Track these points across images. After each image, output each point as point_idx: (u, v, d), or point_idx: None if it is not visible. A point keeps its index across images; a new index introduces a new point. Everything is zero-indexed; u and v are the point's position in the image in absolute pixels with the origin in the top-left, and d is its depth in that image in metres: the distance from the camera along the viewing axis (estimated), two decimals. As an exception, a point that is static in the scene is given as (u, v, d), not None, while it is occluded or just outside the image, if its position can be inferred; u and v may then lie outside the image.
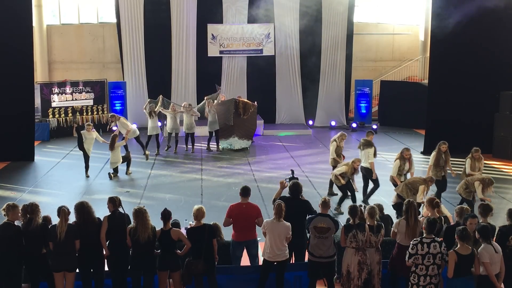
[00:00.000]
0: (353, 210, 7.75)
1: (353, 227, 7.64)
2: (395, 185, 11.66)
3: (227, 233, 8.69)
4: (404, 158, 11.92)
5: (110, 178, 14.81)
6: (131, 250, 7.64)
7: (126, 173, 15.23)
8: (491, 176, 11.70)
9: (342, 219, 11.02)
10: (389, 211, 10.48)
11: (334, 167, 13.04)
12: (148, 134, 17.43)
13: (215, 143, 18.42)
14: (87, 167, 15.05)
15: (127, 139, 15.66)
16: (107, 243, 7.67)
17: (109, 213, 7.74)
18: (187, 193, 13.67)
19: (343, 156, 13.60)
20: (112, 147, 14.68)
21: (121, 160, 14.98)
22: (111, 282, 7.74)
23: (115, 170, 14.91)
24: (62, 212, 7.43)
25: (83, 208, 7.56)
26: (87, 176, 14.95)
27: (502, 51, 17.31)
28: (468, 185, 11.44)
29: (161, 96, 18.37)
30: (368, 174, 12.63)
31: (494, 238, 7.82)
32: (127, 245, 7.64)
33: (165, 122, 18.68)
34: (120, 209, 7.81)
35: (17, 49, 16.22)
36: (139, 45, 22.27)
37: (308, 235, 8.21)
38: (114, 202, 7.76)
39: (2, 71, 16.19)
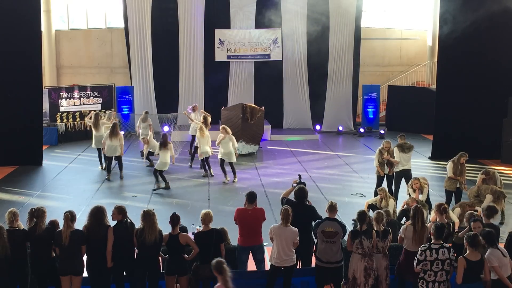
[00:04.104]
0: (362, 216, 7.68)
1: (360, 233, 7.59)
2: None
3: (233, 238, 8.68)
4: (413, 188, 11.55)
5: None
6: (136, 254, 7.63)
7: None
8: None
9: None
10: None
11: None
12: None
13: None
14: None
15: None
16: (113, 252, 7.60)
17: (115, 224, 7.65)
18: (194, 197, 13.67)
19: (388, 166, 12.86)
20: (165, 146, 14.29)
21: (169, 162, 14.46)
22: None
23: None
24: (65, 217, 7.42)
25: (96, 213, 7.55)
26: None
27: (510, 56, 17.24)
28: (479, 194, 11.36)
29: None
30: (408, 177, 12.40)
31: (504, 244, 7.78)
32: (133, 256, 7.62)
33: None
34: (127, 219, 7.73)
35: (25, 54, 16.29)
36: (146, 50, 22.36)
37: (315, 240, 8.18)
38: (120, 212, 7.66)
39: (11, 75, 16.26)
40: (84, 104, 21.18)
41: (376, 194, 11.88)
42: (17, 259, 7.36)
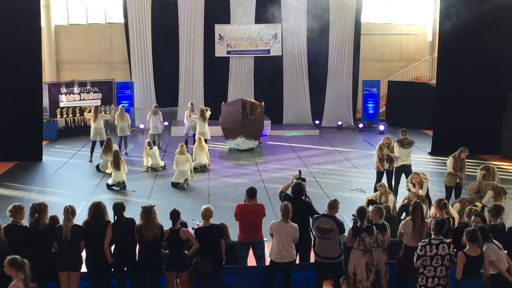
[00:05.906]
0: (361, 212, 7.67)
1: (362, 230, 7.56)
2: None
3: (234, 234, 8.69)
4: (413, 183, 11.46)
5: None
6: (137, 250, 7.64)
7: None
8: (501, 178, 11.66)
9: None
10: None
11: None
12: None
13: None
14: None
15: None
16: (113, 248, 7.63)
17: (114, 220, 7.65)
18: (194, 193, 13.68)
19: (388, 161, 12.89)
20: None
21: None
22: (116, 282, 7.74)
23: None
24: (66, 211, 7.41)
25: (96, 209, 7.55)
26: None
27: (510, 51, 17.22)
28: (480, 190, 11.36)
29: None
30: (408, 172, 12.39)
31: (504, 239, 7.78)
32: (133, 252, 7.62)
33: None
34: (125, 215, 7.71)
35: (25, 49, 16.26)
36: (146, 45, 22.34)
37: (314, 235, 8.18)
38: (117, 209, 7.67)
39: (11, 71, 16.24)
40: (84, 99, 21.16)
41: (376, 190, 11.88)
42: (18, 254, 7.36)
